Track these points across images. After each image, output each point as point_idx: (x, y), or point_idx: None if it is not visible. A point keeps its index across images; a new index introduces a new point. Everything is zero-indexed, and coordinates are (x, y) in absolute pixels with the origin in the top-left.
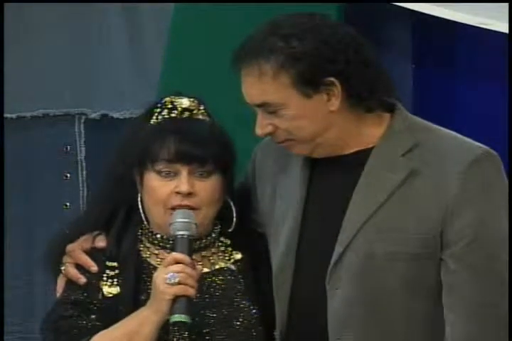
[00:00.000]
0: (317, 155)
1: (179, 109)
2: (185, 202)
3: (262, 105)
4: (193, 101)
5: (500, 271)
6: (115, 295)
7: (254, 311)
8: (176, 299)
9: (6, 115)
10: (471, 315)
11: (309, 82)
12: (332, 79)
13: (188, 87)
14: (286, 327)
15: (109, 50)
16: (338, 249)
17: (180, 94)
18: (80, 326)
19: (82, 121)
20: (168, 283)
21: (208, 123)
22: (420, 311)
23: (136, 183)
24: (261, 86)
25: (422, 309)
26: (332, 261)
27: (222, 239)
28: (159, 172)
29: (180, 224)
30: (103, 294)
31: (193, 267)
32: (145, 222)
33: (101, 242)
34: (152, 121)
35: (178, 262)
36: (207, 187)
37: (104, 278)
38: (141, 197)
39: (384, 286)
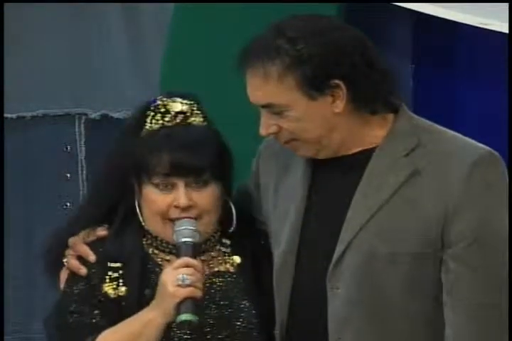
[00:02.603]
0: (322, 157)
1: (172, 113)
2: (185, 215)
3: (267, 106)
4: (186, 104)
5: (500, 271)
6: (120, 296)
7: (254, 312)
8: (183, 301)
9: (6, 115)
10: (471, 315)
11: (314, 85)
12: (337, 81)
13: (188, 87)
14: (286, 327)
15: (109, 50)
16: (339, 248)
17: (172, 94)
18: (85, 323)
19: (82, 121)
20: (178, 285)
21: (203, 130)
22: (421, 311)
23: (133, 187)
24: (266, 87)
25: (422, 309)
26: (333, 261)
27: (223, 240)
28: (156, 185)
29: (185, 231)
30: (107, 296)
31: (202, 272)
32: (143, 223)
33: (102, 232)
34: (147, 126)
35: (188, 266)
36: (205, 197)
37: (107, 280)
38: (138, 202)
39: (385, 286)
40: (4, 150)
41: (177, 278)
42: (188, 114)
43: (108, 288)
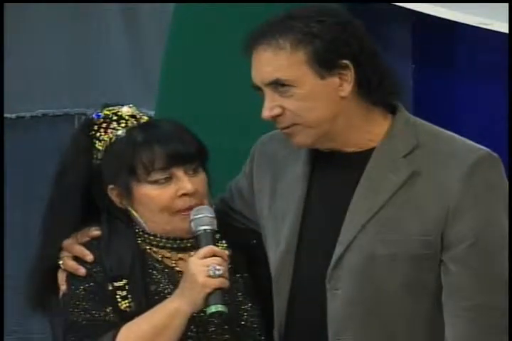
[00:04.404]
0: (319, 146)
1: (126, 117)
2: (193, 202)
3: (274, 83)
4: (131, 107)
5: (500, 272)
6: (133, 310)
7: (256, 312)
8: (212, 292)
9: (5, 115)
10: (471, 316)
11: (324, 62)
12: (347, 62)
13: (188, 87)
14: (284, 328)
15: (109, 50)
16: (338, 249)
17: (108, 105)
18: (98, 320)
19: (82, 121)
20: (210, 276)
21: (168, 122)
22: (421, 312)
23: (110, 197)
24: (276, 61)
25: (422, 310)
26: (332, 261)
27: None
28: (155, 182)
29: (205, 219)
30: (121, 310)
31: (227, 261)
32: (146, 228)
33: (95, 232)
34: (105, 137)
35: (216, 255)
36: (201, 182)
37: (119, 300)
38: (132, 208)
39: (384, 287)
40: (4, 150)
41: (208, 268)
42: (138, 117)
43: (122, 307)
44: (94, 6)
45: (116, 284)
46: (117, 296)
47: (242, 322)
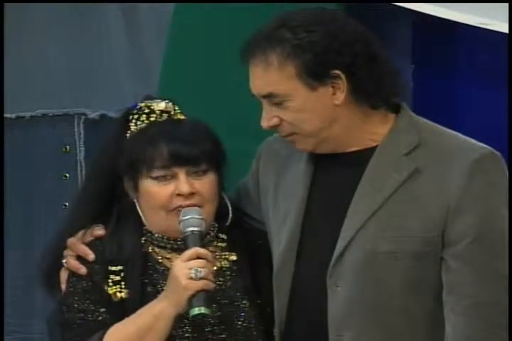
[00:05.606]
0: (321, 151)
1: (157, 112)
2: (188, 202)
3: (268, 96)
4: (168, 103)
5: (501, 270)
6: (124, 298)
7: (254, 311)
8: (195, 294)
9: (5, 115)
10: (471, 314)
11: (314, 74)
12: (338, 71)
13: (188, 87)
14: (285, 325)
15: (108, 50)
16: (339, 246)
17: (152, 98)
18: (91, 320)
19: (82, 121)
20: (192, 278)
21: (192, 122)
22: (421, 309)
23: (124, 188)
24: (267, 77)
25: (422, 307)
26: (333, 258)
27: (219, 235)
28: (156, 178)
29: (192, 220)
30: (111, 298)
31: (213, 262)
32: (144, 222)
33: (99, 231)
34: (132, 128)
35: (199, 257)
36: (206, 185)
37: (110, 284)
38: (137, 200)
39: (385, 284)
40: (4, 150)
41: (190, 271)
42: (172, 113)
43: (112, 292)
44: (94, 6)
45: (111, 268)
46: (109, 280)
47: (240, 323)
